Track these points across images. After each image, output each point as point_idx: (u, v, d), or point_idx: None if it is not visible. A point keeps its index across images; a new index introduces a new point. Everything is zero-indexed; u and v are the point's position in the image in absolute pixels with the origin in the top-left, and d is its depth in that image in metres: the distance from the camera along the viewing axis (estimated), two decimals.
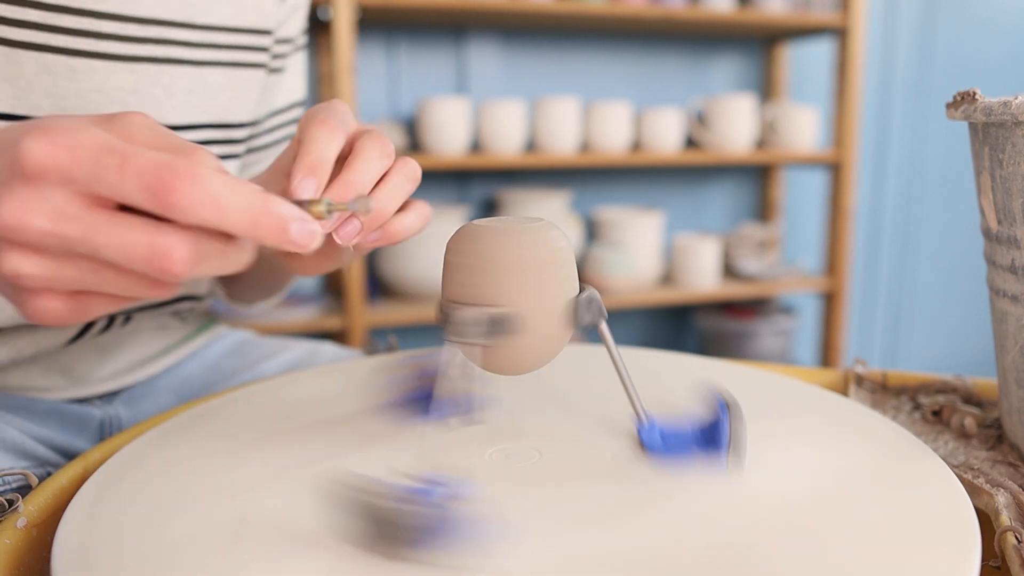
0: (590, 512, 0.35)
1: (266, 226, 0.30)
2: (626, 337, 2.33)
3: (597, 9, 1.82)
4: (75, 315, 0.32)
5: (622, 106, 1.93)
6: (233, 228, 0.30)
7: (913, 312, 2.63)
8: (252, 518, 0.35)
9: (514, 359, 0.40)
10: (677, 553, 0.32)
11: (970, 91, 0.43)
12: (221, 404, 0.50)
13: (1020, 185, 0.42)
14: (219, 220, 0.29)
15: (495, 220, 0.40)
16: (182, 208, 0.29)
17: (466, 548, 0.30)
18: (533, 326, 0.39)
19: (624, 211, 2.12)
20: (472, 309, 0.38)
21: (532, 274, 0.38)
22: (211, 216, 0.29)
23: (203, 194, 0.29)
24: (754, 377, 0.54)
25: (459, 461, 0.40)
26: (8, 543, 0.36)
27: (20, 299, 0.32)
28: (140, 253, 0.29)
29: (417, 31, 2.02)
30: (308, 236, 0.31)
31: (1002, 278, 0.46)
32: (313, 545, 0.33)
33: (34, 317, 0.32)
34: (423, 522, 0.30)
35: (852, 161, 2.08)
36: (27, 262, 0.30)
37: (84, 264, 0.30)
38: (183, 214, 0.29)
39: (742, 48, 2.31)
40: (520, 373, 0.41)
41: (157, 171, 0.29)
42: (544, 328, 0.39)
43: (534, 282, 0.38)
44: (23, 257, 0.30)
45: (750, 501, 0.36)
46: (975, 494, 0.40)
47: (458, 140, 1.82)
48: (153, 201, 0.29)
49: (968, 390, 0.55)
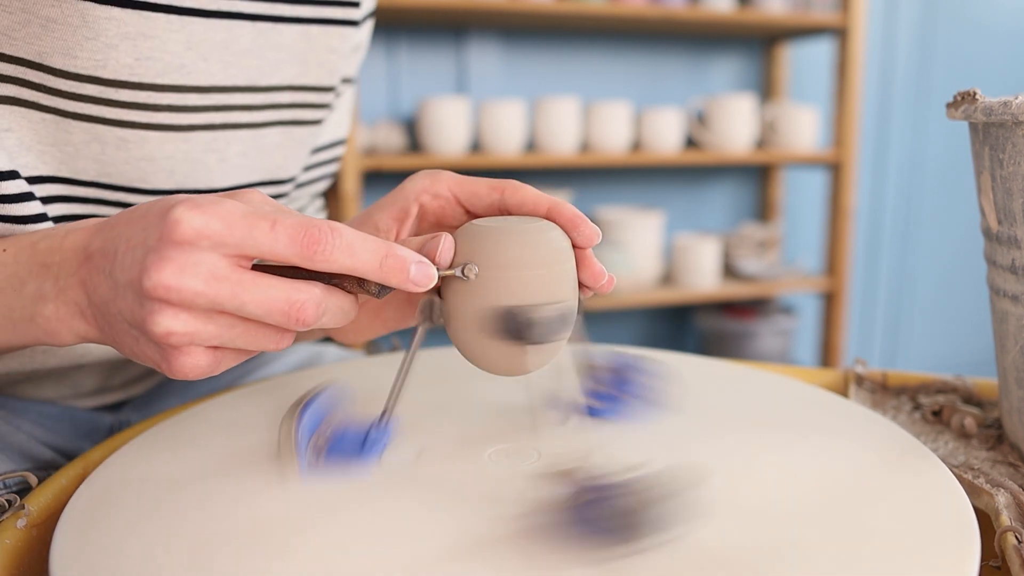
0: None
1: (390, 267, 0.35)
2: (626, 337, 2.33)
3: (597, 9, 1.82)
4: (212, 368, 0.36)
5: (622, 106, 1.93)
6: (365, 270, 0.35)
7: (913, 312, 2.63)
8: (253, 517, 0.35)
9: (533, 357, 0.39)
10: (677, 553, 0.32)
11: (970, 91, 0.43)
12: (221, 404, 0.50)
13: (1020, 185, 0.42)
14: (353, 265, 0.34)
15: (495, 220, 0.40)
16: (325, 257, 0.34)
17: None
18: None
19: (624, 211, 2.12)
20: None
21: (531, 274, 0.38)
22: (347, 261, 0.34)
23: (341, 243, 0.34)
24: (754, 377, 0.54)
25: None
26: (8, 543, 0.36)
27: (166, 357, 0.35)
28: (280, 307, 0.34)
29: (417, 31, 2.02)
30: (425, 277, 0.36)
31: (1002, 278, 0.46)
32: (313, 544, 0.33)
33: (179, 373, 0.35)
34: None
35: (852, 161, 2.08)
36: (178, 320, 0.34)
37: (224, 320, 0.34)
38: (326, 261, 0.34)
39: (742, 48, 2.31)
40: (522, 373, 0.41)
41: (304, 228, 0.34)
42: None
43: (533, 282, 0.38)
44: (175, 316, 0.33)
45: (749, 502, 0.36)
46: (975, 494, 0.40)
47: (458, 140, 1.82)
48: (302, 254, 0.34)
49: (968, 390, 0.55)
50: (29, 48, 0.43)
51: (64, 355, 0.51)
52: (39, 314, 0.38)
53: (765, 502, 0.36)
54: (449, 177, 0.44)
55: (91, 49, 0.44)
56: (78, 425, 0.58)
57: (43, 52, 0.43)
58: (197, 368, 0.35)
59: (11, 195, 0.45)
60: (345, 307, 0.37)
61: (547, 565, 0.31)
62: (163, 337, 0.34)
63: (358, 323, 0.48)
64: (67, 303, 0.37)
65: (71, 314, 0.37)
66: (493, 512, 0.35)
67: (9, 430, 0.51)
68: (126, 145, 0.47)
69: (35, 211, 0.45)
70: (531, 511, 0.33)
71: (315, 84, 0.55)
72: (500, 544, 0.33)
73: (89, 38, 0.44)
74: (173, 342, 0.34)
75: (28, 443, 0.51)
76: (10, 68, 0.44)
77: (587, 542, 0.31)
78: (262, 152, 0.54)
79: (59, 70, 0.44)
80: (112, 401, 0.62)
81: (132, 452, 0.43)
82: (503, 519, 0.34)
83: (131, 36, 0.45)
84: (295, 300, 0.34)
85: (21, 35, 0.43)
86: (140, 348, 0.36)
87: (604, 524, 0.31)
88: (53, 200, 0.48)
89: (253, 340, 0.36)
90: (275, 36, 0.52)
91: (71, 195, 0.49)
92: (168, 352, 0.35)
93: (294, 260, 0.34)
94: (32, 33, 0.43)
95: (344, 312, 0.37)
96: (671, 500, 0.31)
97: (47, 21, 0.43)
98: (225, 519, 0.35)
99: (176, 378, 0.36)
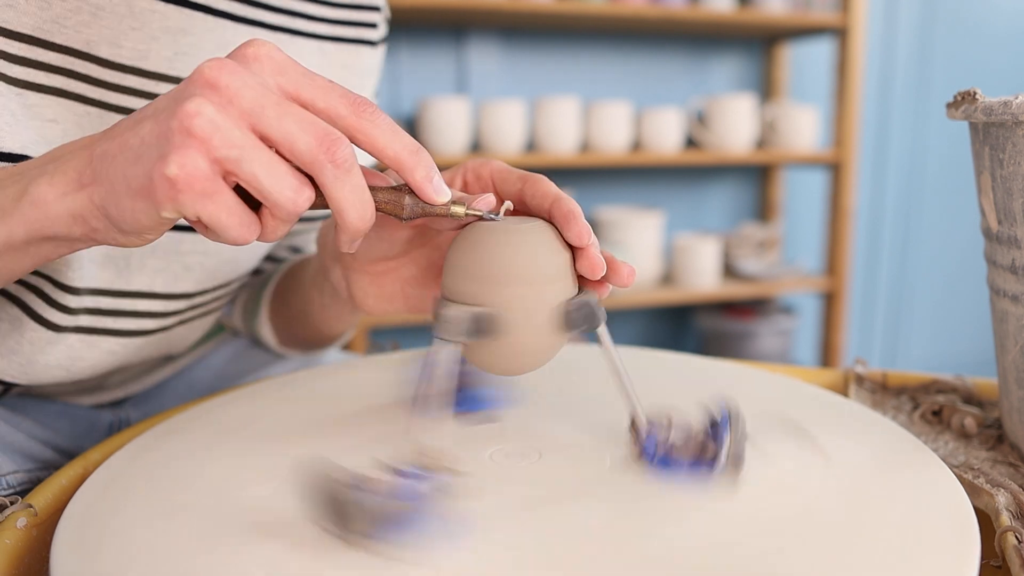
0: (587, 517, 0.35)
1: (422, 161, 0.37)
2: (626, 337, 2.33)
3: (597, 9, 1.82)
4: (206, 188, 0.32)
5: (622, 106, 1.93)
6: (401, 150, 0.36)
7: (913, 312, 2.63)
8: (253, 516, 0.35)
9: (508, 360, 0.39)
10: (676, 553, 0.32)
11: (970, 91, 0.43)
12: (221, 403, 0.50)
13: (1020, 185, 0.42)
14: (393, 141, 0.36)
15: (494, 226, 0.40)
16: (374, 121, 0.36)
17: (420, 541, 0.32)
18: (528, 327, 0.38)
19: (624, 211, 2.12)
20: (458, 307, 0.38)
21: (529, 274, 0.38)
22: (390, 136, 0.36)
23: (387, 120, 0.36)
24: (754, 377, 0.54)
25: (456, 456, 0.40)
26: (8, 543, 0.36)
27: (171, 141, 0.31)
28: (317, 132, 0.33)
29: (417, 31, 2.02)
30: (441, 190, 0.38)
31: (1002, 278, 0.46)
32: (314, 544, 0.33)
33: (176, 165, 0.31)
34: (381, 513, 0.31)
35: (852, 161, 2.08)
36: (211, 109, 0.32)
37: (251, 138, 0.32)
38: (372, 125, 0.36)
39: (742, 48, 2.31)
40: (513, 374, 0.41)
41: (354, 97, 0.35)
42: (537, 330, 0.39)
43: (531, 282, 0.38)
44: (210, 105, 0.32)
45: (750, 502, 0.36)
46: (975, 494, 0.40)
47: (458, 140, 1.82)
48: (355, 111, 0.35)
49: (968, 390, 0.55)
50: (78, 37, 0.45)
51: (62, 355, 0.51)
52: (30, 193, 0.35)
53: (765, 502, 0.36)
54: (494, 164, 0.44)
55: (135, 39, 0.46)
56: (77, 422, 0.58)
57: (91, 41, 0.45)
58: (196, 170, 0.31)
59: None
60: (367, 204, 0.35)
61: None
62: (188, 115, 0.31)
63: (381, 289, 0.49)
64: (64, 173, 0.35)
65: (67, 183, 0.35)
66: (521, 503, 0.35)
67: (8, 429, 0.51)
68: None
69: None
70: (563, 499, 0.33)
71: None
72: (533, 533, 0.33)
73: (135, 28, 0.46)
74: (195, 125, 0.31)
75: (27, 442, 0.51)
76: (59, 58, 0.45)
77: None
78: None
79: (105, 60, 0.46)
80: (111, 399, 0.62)
81: (132, 452, 0.43)
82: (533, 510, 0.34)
83: (171, 30, 0.47)
84: (332, 133, 0.34)
85: (72, 23, 0.45)
86: (142, 143, 0.33)
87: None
88: None
89: (270, 174, 0.33)
90: (293, 48, 0.54)
91: None
92: (176, 137, 0.31)
93: (346, 118, 0.35)
94: (82, 21, 0.45)
95: (363, 205, 0.35)
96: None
97: (96, 9, 0.45)
98: (226, 518, 0.35)
99: (170, 176, 0.31)
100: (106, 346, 0.52)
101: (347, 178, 0.34)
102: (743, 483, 0.38)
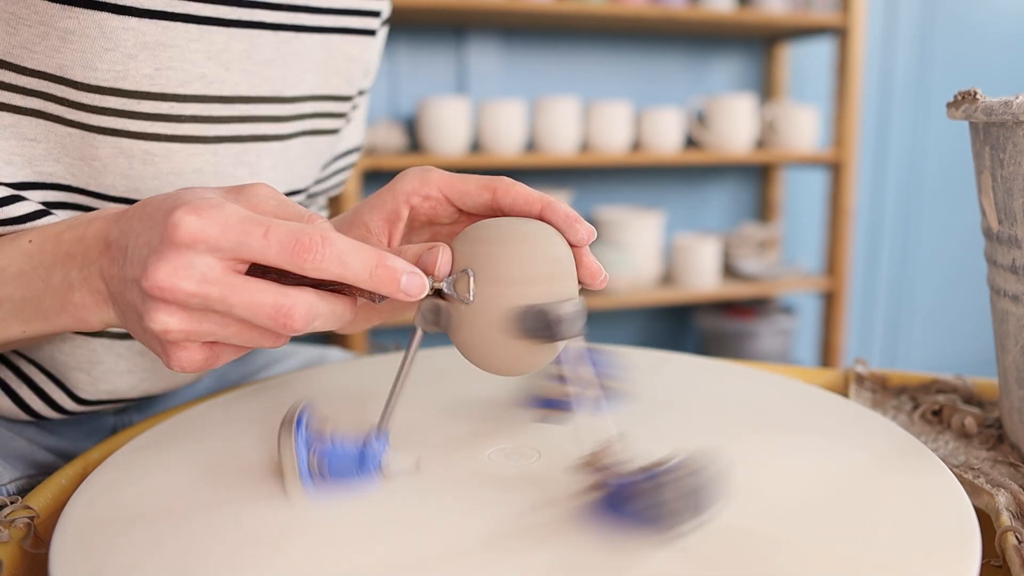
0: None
1: (380, 277, 0.35)
2: (626, 337, 2.33)
3: (597, 9, 1.82)
4: (208, 363, 0.37)
5: (622, 106, 1.93)
6: (355, 279, 0.35)
7: (913, 312, 2.63)
8: (255, 518, 0.35)
9: (477, 357, 0.39)
10: (676, 552, 0.32)
11: (971, 91, 0.43)
12: (222, 403, 0.50)
13: (1021, 185, 0.42)
14: (343, 273, 0.35)
15: (494, 221, 0.40)
16: (315, 265, 0.34)
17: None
18: (477, 326, 0.38)
19: (624, 211, 2.12)
20: (431, 299, 0.38)
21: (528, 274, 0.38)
22: (337, 270, 0.35)
23: (332, 253, 0.34)
24: (754, 377, 0.54)
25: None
26: (7, 543, 0.36)
27: (165, 351, 0.37)
28: (267, 312, 0.35)
29: (417, 31, 2.02)
30: (416, 287, 0.36)
31: (1003, 278, 0.46)
32: (314, 544, 0.33)
33: (177, 366, 0.37)
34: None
35: (852, 161, 2.08)
36: (174, 318, 0.35)
37: (218, 319, 0.36)
38: (316, 269, 0.34)
39: (742, 48, 2.31)
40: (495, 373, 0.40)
41: (296, 236, 0.34)
42: (485, 330, 0.38)
43: (530, 283, 0.38)
44: (170, 314, 0.35)
45: (750, 502, 0.36)
46: (975, 494, 0.40)
47: (458, 140, 1.82)
48: (292, 261, 0.34)
49: (968, 390, 0.55)
50: (49, 61, 0.43)
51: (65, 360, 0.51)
52: (68, 301, 0.40)
53: (765, 503, 0.36)
54: (439, 176, 0.43)
55: (110, 60, 0.44)
56: (81, 424, 0.58)
57: (63, 65, 0.43)
58: (193, 362, 0.37)
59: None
60: (339, 311, 0.37)
61: (586, 553, 0.31)
62: (161, 333, 0.35)
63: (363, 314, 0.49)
64: (91, 291, 0.39)
65: (96, 301, 0.40)
66: (520, 503, 0.35)
67: (10, 436, 0.51)
68: (153, 159, 0.47)
69: (28, 210, 0.45)
70: (563, 500, 0.34)
71: (335, 94, 0.55)
72: (533, 534, 0.33)
73: (108, 49, 0.44)
74: (170, 338, 0.36)
75: (29, 448, 0.51)
76: (33, 82, 0.44)
77: (626, 530, 0.32)
78: (289, 164, 0.54)
79: (80, 83, 0.44)
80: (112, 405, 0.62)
81: (132, 452, 0.43)
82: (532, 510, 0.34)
83: (150, 46, 0.45)
84: (282, 305, 0.35)
85: (41, 48, 0.43)
86: (146, 339, 0.38)
87: (644, 513, 0.31)
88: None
89: (248, 339, 0.37)
90: (297, 45, 0.51)
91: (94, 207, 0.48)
92: (167, 346, 0.37)
93: (285, 266, 0.35)
94: (51, 46, 0.43)
95: (338, 316, 0.37)
96: (704, 487, 0.31)
97: (65, 33, 0.43)
98: (227, 519, 0.35)
99: (175, 370, 0.38)
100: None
101: (310, 329, 0.36)
102: (743, 483, 0.38)
